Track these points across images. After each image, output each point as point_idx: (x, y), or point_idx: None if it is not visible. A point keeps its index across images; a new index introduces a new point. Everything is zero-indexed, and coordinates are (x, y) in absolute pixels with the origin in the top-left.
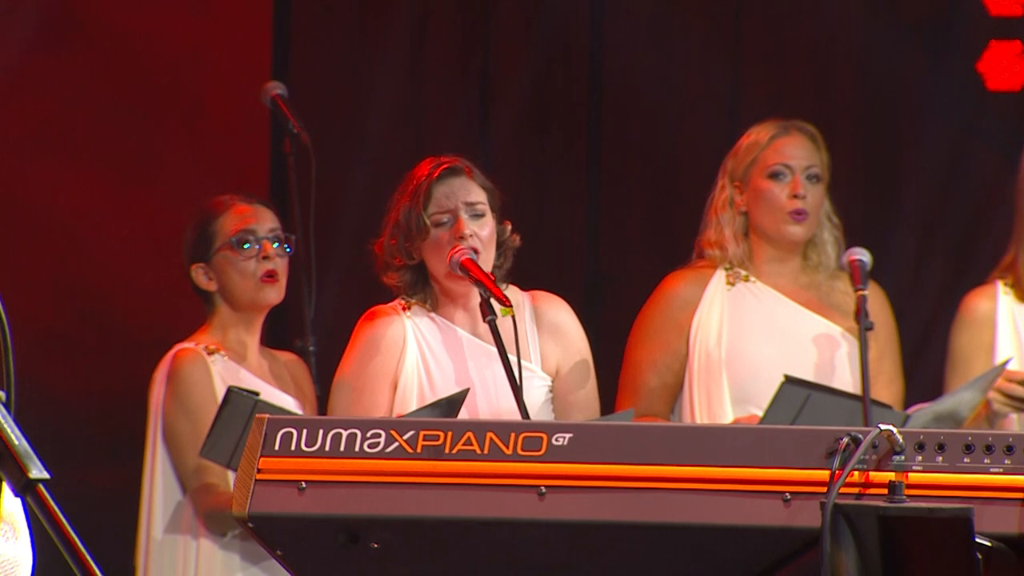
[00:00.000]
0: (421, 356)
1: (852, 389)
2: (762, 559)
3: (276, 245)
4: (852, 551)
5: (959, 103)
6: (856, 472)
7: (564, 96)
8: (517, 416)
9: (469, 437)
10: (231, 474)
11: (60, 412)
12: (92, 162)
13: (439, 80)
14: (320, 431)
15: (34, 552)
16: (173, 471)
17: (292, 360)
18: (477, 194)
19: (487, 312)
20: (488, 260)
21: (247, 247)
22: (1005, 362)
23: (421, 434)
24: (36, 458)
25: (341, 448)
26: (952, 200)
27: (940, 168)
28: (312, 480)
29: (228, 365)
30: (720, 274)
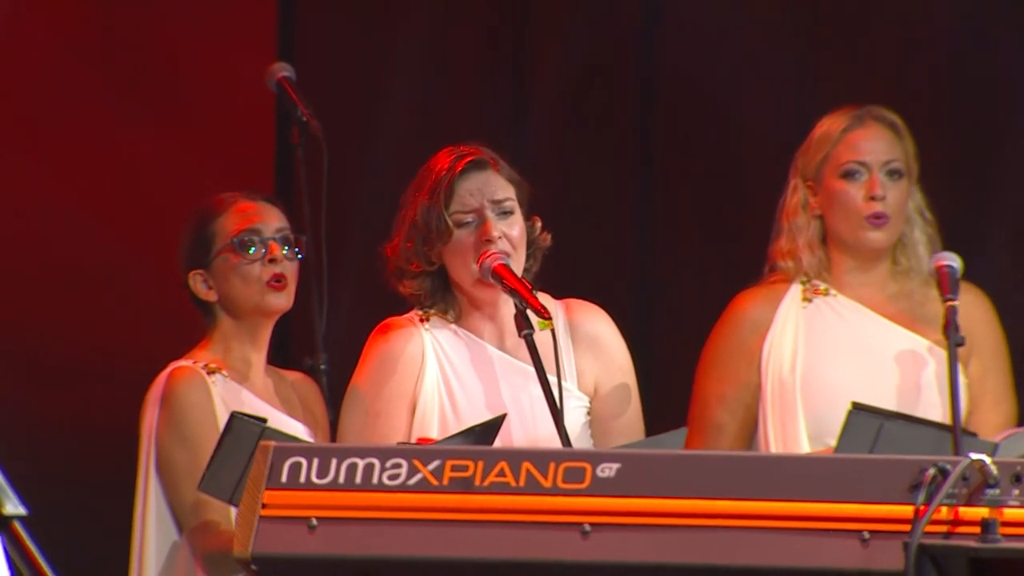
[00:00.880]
0: (442, 375)
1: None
2: None
3: (284, 247)
4: None
5: None
6: (944, 508)
7: (611, 81)
8: (556, 444)
9: (503, 467)
10: (233, 510)
11: (38, 441)
12: (70, 156)
13: (467, 62)
14: (333, 461)
15: None
16: (168, 507)
17: (301, 380)
18: (505, 190)
19: (523, 325)
20: (519, 263)
21: (251, 250)
22: None
23: (448, 464)
24: (12, 492)
25: (357, 480)
26: None
27: None
28: (324, 516)
29: (230, 386)
30: (795, 289)
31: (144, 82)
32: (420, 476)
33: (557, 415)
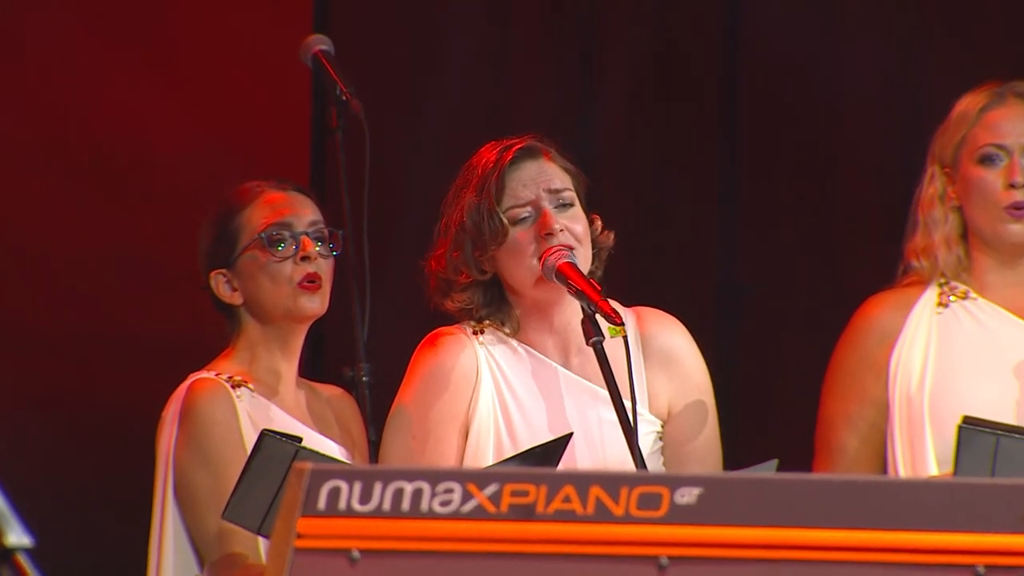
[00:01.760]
0: (498, 394)
1: None
2: None
3: (318, 243)
4: None
5: None
6: None
7: (691, 58)
8: (629, 467)
9: (568, 493)
10: (262, 542)
11: (44, 463)
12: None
13: (528, 39)
14: (377, 485)
15: None
16: (187, 537)
17: (338, 396)
18: (562, 179)
19: (591, 332)
20: (584, 263)
21: (281, 246)
22: None
23: (507, 489)
24: (16, 521)
25: (404, 506)
26: None
27: None
28: (367, 548)
29: (257, 401)
30: (930, 292)
31: (160, 52)
32: (475, 502)
33: (630, 433)
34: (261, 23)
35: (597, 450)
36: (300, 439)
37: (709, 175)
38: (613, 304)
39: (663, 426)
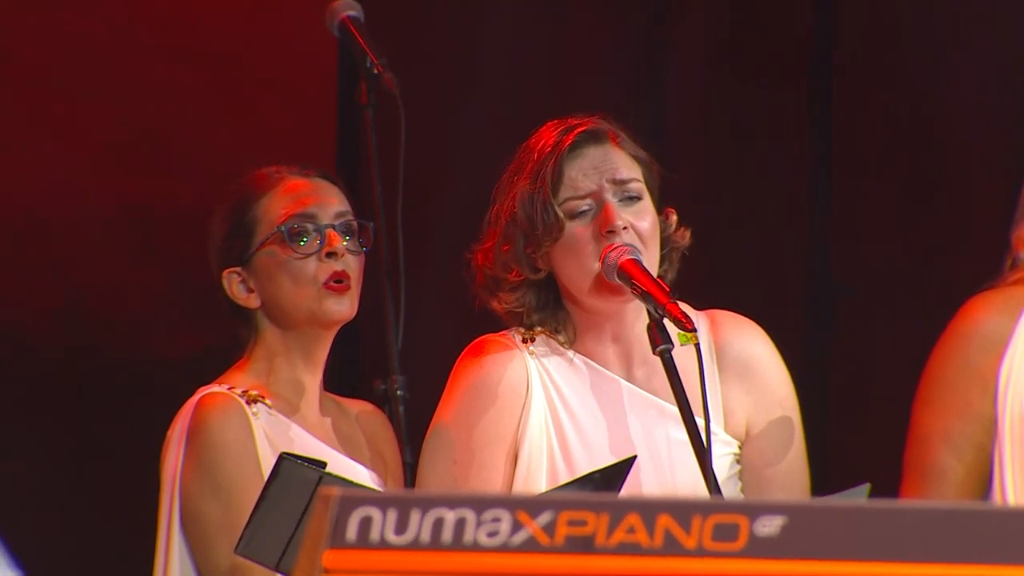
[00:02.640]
0: (551, 412)
1: None
2: None
3: (346, 238)
4: None
5: None
6: None
7: (778, 34)
8: (701, 493)
9: (633, 523)
10: None
11: (39, 489)
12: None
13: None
14: (415, 513)
15: None
16: (195, 573)
17: (368, 413)
18: (629, 168)
19: (659, 339)
20: (652, 264)
21: (304, 241)
22: None
23: (562, 517)
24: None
25: (445, 538)
26: None
27: None
28: None
29: (276, 420)
30: None
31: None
32: (527, 533)
33: (703, 454)
34: None
35: (665, 474)
36: (324, 463)
37: (797, 162)
38: (683, 307)
39: (740, 447)
